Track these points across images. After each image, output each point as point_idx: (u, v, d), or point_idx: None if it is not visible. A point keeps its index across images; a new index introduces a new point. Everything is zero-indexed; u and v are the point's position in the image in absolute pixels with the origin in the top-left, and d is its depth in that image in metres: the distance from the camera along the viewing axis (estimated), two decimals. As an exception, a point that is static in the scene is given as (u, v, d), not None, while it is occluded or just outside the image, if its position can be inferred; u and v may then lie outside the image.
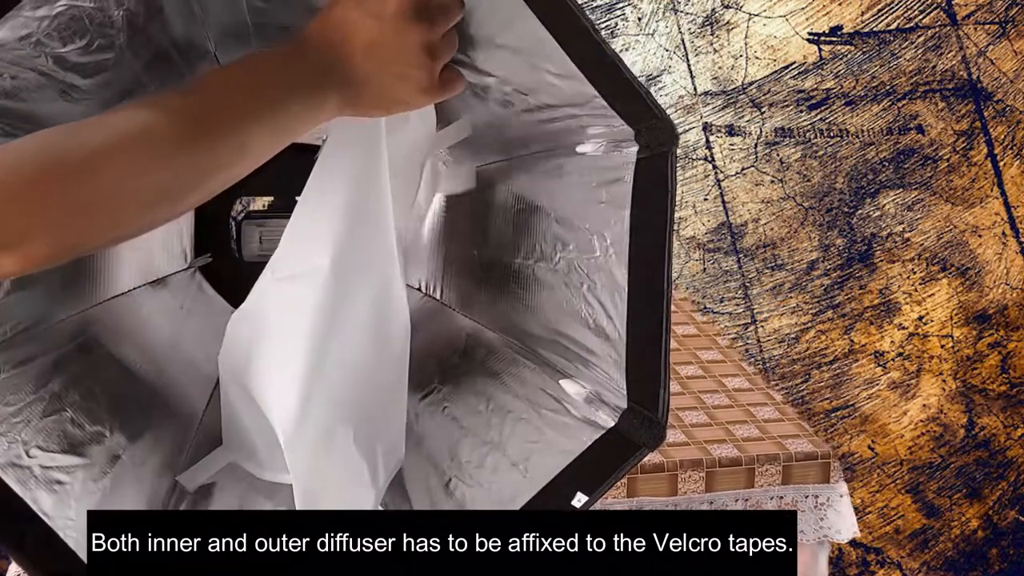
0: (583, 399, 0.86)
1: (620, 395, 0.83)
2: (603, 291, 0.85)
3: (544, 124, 0.90)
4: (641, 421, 0.81)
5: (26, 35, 0.81)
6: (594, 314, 0.85)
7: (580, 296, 0.87)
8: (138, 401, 0.95)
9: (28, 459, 0.83)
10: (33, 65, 0.84)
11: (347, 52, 0.76)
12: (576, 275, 0.88)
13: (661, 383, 0.80)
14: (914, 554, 2.57)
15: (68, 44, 0.84)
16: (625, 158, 0.84)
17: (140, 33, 0.89)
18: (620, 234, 0.83)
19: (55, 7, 0.81)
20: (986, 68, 2.58)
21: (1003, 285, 2.60)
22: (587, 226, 0.87)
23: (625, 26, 2.59)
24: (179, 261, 1.14)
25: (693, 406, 1.30)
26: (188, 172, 0.70)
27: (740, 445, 1.23)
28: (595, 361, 0.86)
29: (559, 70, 0.82)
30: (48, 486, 0.82)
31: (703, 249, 2.61)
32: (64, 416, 0.87)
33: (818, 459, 1.22)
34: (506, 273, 0.98)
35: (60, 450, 0.85)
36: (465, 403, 0.96)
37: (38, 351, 0.90)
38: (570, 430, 0.85)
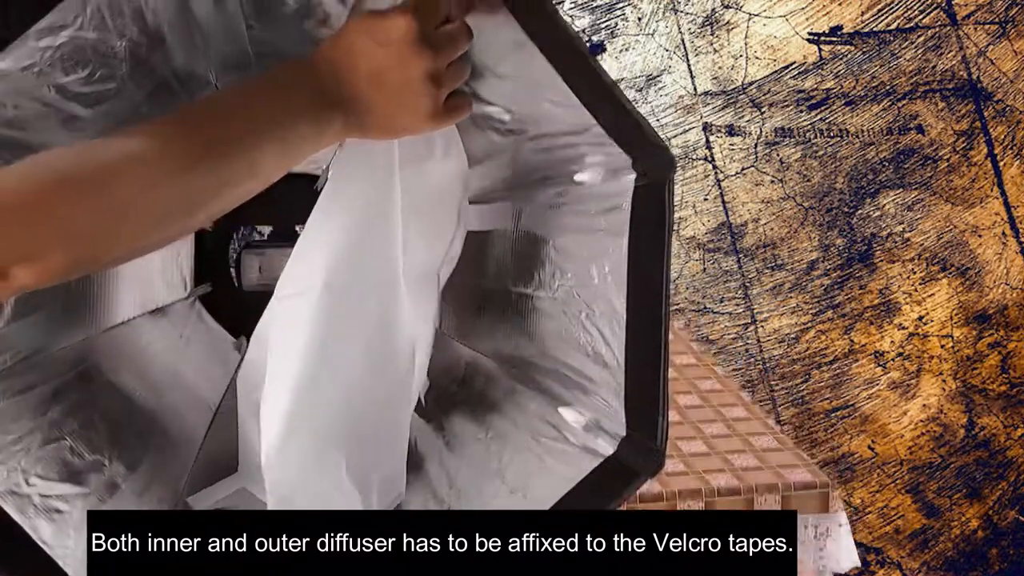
0: (582, 427, 0.87)
1: (619, 423, 0.83)
2: (602, 319, 0.85)
3: (543, 152, 0.90)
4: (640, 449, 0.81)
5: (29, 65, 0.81)
6: (593, 342, 0.86)
7: (579, 324, 0.87)
8: (137, 430, 0.96)
9: (27, 487, 0.83)
10: (36, 95, 0.84)
11: (353, 77, 0.77)
12: (575, 303, 0.88)
13: (660, 411, 0.80)
14: (914, 554, 2.58)
15: (71, 74, 0.85)
16: (623, 186, 0.84)
17: (142, 64, 0.89)
18: (618, 262, 0.83)
19: (58, 38, 0.81)
20: (986, 68, 2.57)
21: (1003, 285, 2.61)
22: (585, 254, 0.87)
23: (625, 26, 2.58)
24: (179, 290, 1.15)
25: (692, 435, 1.30)
26: (197, 189, 0.71)
27: (739, 474, 1.23)
28: (594, 389, 0.86)
29: (558, 99, 0.82)
30: (47, 515, 0.83)
31: (703, 249, 2.61)
32: (63, 444, 0.88)
33: (817, 488, 1.22)
34: (505, 301, 0.98)
35: (59, 479, 0.86)
36: (464, 431, 0.96)
37: (38, 380, 0.90)
38: (569, 458, 0.86)
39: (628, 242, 0.83)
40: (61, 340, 0.95)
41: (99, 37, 0.84)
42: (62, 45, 0.82)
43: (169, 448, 0.97)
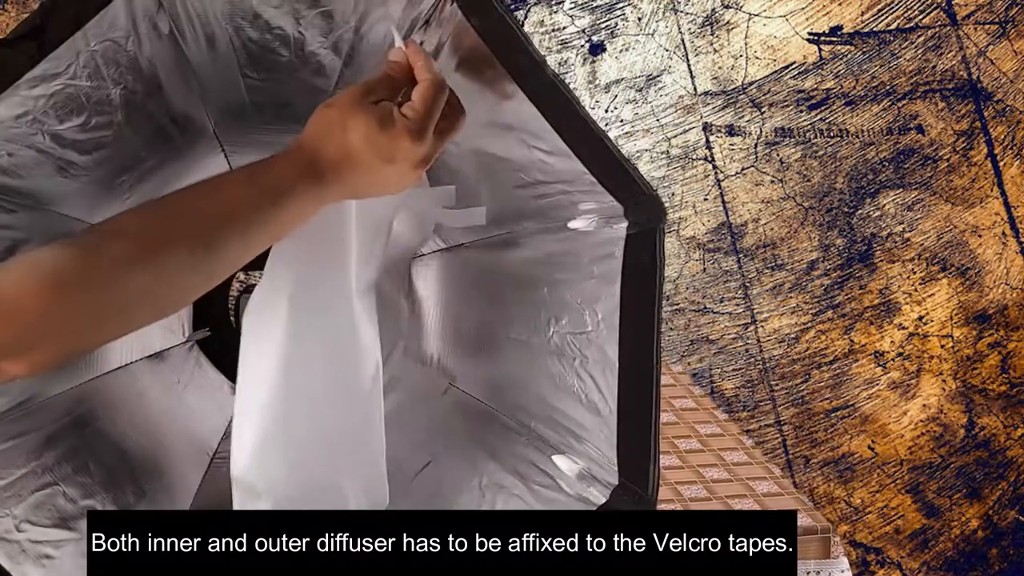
0: (575, 475, 0.87)
1: (611, 471, 0.84)
2: (595, 366, 0.86)
3: (537, 200, 0.91)
4: (632, 497, 0.82)
5: (23, 113, 0.82)
6: (586, 389, 0.86)
7: (573, 371, 0.88)
8: (132, 475, 0.96)
9: (18, 533, 0.84)
10: (31, 143, 0.85)
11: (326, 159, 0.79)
12: (569, 350, 0.89)
13: (651, 459, 0.81)
14: (914, 554, 2.59)
15: (65, 122, 0.85)
16: (615, 233, 0.85)
17: (139, 110, 0.89)
18: (611, 309, 0.84)
19: (51, 86, 0.82)
20: (986, 68, 2.57)
21: (1003, 285, 2.61)
22: (579, 301, 0.88)
23: (625, 26, 2.57)
24: (177, 335, 1.15)
25: (692, 480, 1.30)
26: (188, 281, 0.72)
27: (740, 519, 1.23)
28: (587, 436, 0.87)
29: (550, 148, 0.83)
30: (37, 560, 0.83)
31: (703, 249, 2.60)
32: (56, 490, 0.88)
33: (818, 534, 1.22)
34: (500, 346, 0.99)
35: (51, 524, 0.86)
36: (457, 476, 0.97)
37: (32, 426, 0.91)
38: (562, 506, 0.86)
39: (620, 290, 0.84)
40: (56, 387, 0.95)
41: (93, 84, 0.85)
42: (55, 93, 0.83)
43: (164, 493, 0.98)
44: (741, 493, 1.28)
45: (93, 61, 0.83)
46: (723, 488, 1.29)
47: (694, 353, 2.55)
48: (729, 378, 2.57)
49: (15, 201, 0.88)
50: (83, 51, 0.81)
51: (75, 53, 0.81)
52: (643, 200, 0.82)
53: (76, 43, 0.80)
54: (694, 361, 2.55)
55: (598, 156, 0.81)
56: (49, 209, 0.92)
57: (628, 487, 0.82)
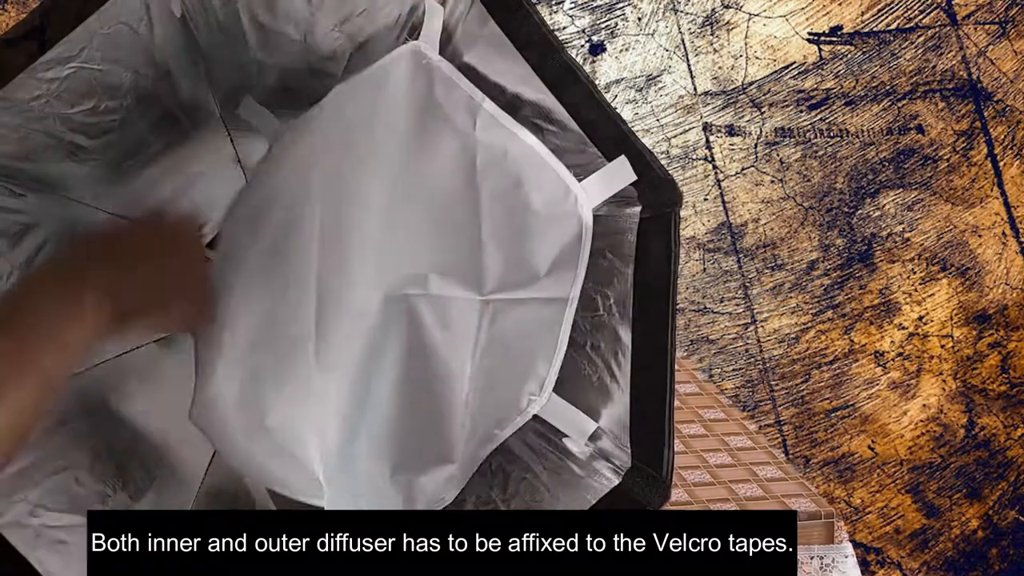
0: (587, 457, 0.87)
1: (625, 453, 0.83)
2: (607, 350, 0.85)
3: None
4: (645, 480, 0.82)
5: (35, 96, 0.82)
6: (598, 372, 0.86)
7: (584, 355, 0.88)
8: (142, 461, 0.96)
9: (33, 519, 0.83)
10: (41, 126, 0.85)
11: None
12: (580, 334, 0.88)
13: (665, 442, 0.80)
14: (914, 554, 2.59)
15: (76, 106, 0.85)
16: (629, 217, 0.84)
17: (147, 95, 0.89)
18: (623, 293, 0.84)
19: (64, 70, 0.82)
20: (986, 68, 2.57)
21: (1003, 285, 2.61)
22: (590, 284, 0.87)
23: (625, 26, 2.58)
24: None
25: (696, 465, 1.30)
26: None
27: (743, 504, 1.23)
28: (599, 419, 0.86)
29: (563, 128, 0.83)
30: (52, 546, 0.83)
31: (703, 249, 2.61)
32: (69, 475, 0.88)
33: (821, 519, 1.22)
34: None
35: (65, 509, 0.86)
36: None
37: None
38: (574, 489, 0.86)
39: (633, 273, 0.83)
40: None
41: (104, 69, 0.84)
42: (68, 77, 0.82)
43: (172, 479, 0.98)
44: (745, 478, 1.28)
45: (105, 45, 0.83)
46: (727, 473, 1.29)
47: (694, 353, 2.55)
48: (729, 378, 2.57)
49: (26, 185, 0.88)
50: (97, 34, 0.81)
51: (89, 36, 0.81)
52: (658, 183, 0.82)
53: (90, 26, 0.80)
54: (694, 361, 2.55)
55: (611, 139, 0.81)
56: (57, 193, 0.92)
57: (642, 469, 0.82)
